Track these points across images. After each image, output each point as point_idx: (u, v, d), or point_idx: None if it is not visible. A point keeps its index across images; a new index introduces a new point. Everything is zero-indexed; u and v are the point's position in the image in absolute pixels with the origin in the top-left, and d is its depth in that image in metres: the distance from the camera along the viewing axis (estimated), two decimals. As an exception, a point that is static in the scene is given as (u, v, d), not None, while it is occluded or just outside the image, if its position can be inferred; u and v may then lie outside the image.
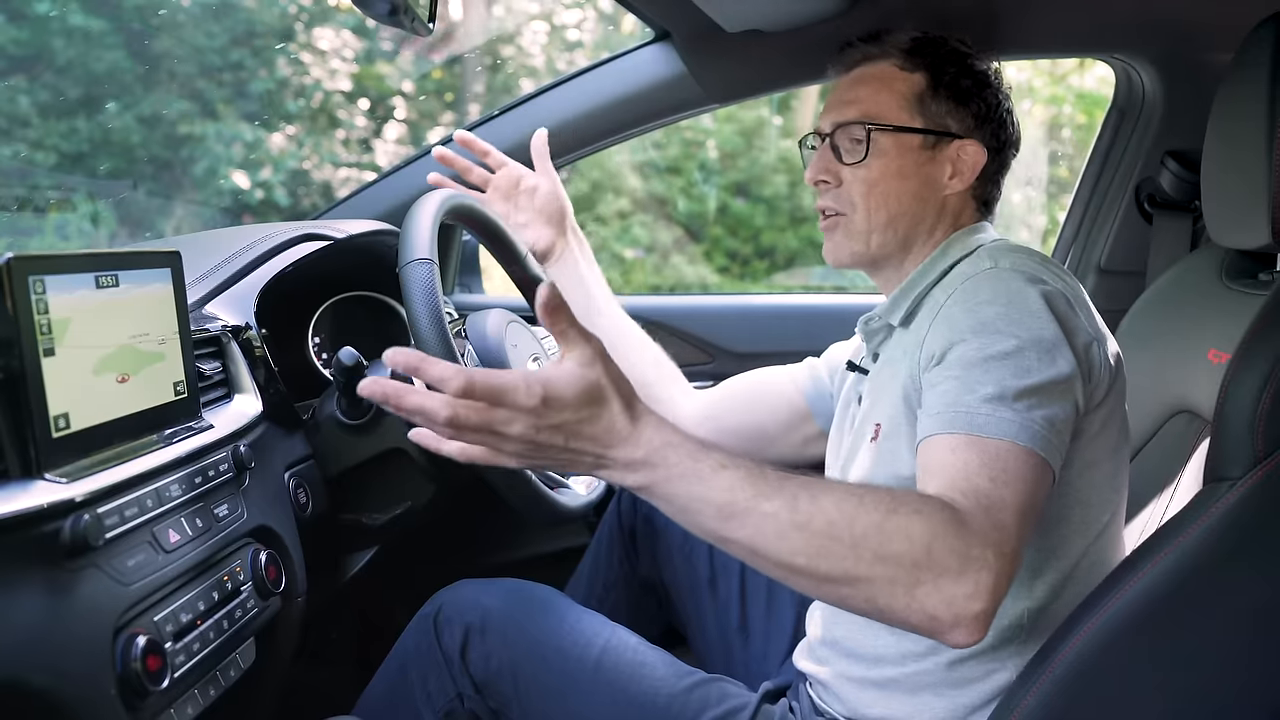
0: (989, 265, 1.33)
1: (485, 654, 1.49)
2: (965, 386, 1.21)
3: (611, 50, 2.23)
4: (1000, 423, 1.16)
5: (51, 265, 1.06)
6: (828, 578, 1.06)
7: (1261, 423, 1.11)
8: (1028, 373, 1.20)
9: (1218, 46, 1.93)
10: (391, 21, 1.28)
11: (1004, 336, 1.22)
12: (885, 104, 1.49)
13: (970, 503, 1.09)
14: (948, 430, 1.18)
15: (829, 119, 1.53)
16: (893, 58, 1.51)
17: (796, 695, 1.56)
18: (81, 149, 6.51)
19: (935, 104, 1.49)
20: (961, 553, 1.04)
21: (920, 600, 1.04)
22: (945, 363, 1.26)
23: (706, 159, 9.36)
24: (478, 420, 1.03)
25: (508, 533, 2.38)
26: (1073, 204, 2.36)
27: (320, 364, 1.95)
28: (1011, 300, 1.26)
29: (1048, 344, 1.22)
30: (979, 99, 1.51)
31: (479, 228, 1.85)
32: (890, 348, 1.49)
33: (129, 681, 1.05)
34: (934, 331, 1.31)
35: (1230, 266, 1.68)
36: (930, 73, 1.50)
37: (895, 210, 1.49)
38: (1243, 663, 1.15)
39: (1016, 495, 1.12)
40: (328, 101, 7.80)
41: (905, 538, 1.04)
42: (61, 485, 1.04)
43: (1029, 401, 1.18)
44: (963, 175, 1.50)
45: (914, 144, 1.48)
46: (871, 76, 1.52)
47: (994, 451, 1.15)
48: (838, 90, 1.56)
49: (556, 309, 1.05)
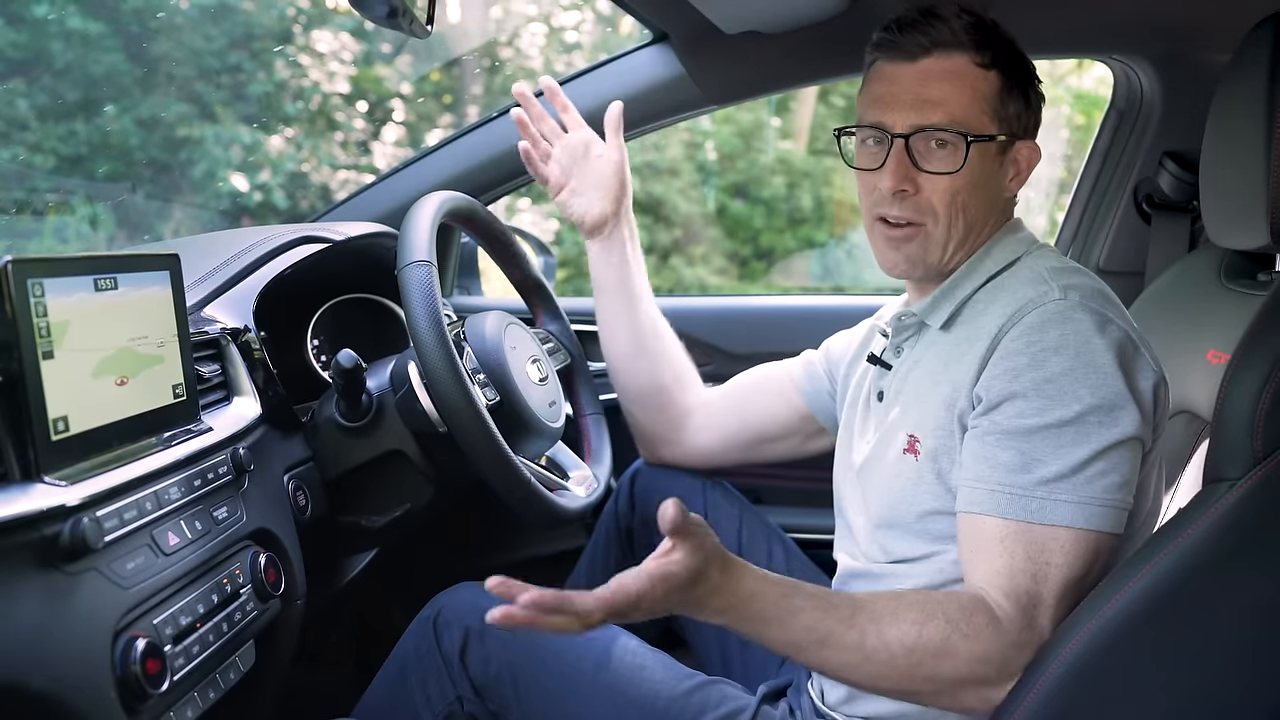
0: (1058, 296, 1.29)
1: (485, 657, 1.49)
2: (1023, 462, 1.23)
3: (610, 52, 2.23)
4: (1056, 506, 1.21)
5: (50, 268, 1.06)
6: (887, 692, 1.25)
7: (1260, 423, 1.11)
8: (1088, 439, 1.22)
9: (1216, 47, 1.93)
10: (390, 24, 1.28)
11: (1068, 399, 1.23)
12: (970, 108, 1.37)
13: (1011, 607, 1.21)
14: (1000, 514, 1.23)
15: (905, 118, 1.38)
16: (968, 50, 1.37)
17: (797, 696, 1.56)
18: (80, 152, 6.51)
19: (1009, 105, 1.41)
20: (1001, 665, 1.19)
21: (961, 701, 1.22)
22: (1001, 414, 1.27)
23: (705, 160, 9.37)
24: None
25: (506, 534, 2.38)
26: (1071, 204, 2.36)
27: (319, 366, 1.95)
28: (1079, 352, 1.24)
29: (1111, 404, 1.23)
30: (1037, 96, 1.45)
31: (477, 229, 1.86)
32: (923, 348, 1.46)
33: (128, 684, 1.05)
34: (994, 366, 1.29)
35: (1229, 267, 1.68)
36: (1003, 70, 1.40)
37: (973, 219, 1.41)
38: (1246, 662, 1.15)
39: (1059, 585, 1.22)
40: (326, 104, 7.80)
41: (954, 662, 1.19)
42: (61, 488, 1.03)
43: (1090, 471, 1.21)
44: (1020, 176, 1.45)
45: (992, 150, 1.40)
46: (948, 73, 1.38)
47: (1044, 539, 1.21)
48: (902, 83, 1.40)
49: (678, 521, 1.14)
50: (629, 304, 1.88)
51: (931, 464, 1.36)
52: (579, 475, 1.84)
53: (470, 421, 1.48)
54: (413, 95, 8.47)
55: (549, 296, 2.03)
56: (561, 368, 1.94)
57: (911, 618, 1.20)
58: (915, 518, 1.37)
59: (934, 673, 1.19)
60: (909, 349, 1.50)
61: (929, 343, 1.46)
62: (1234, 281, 1.65)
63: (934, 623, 1.19)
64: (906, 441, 1.40)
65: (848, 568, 1.54)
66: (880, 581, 1.44)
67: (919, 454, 1.37)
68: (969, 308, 1.42)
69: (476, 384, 1.59)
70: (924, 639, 1.18)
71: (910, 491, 1.38)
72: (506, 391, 1.63)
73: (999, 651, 1.18)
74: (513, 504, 1.54)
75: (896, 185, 1.38)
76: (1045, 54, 2.14)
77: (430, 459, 1.67)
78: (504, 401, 1.62)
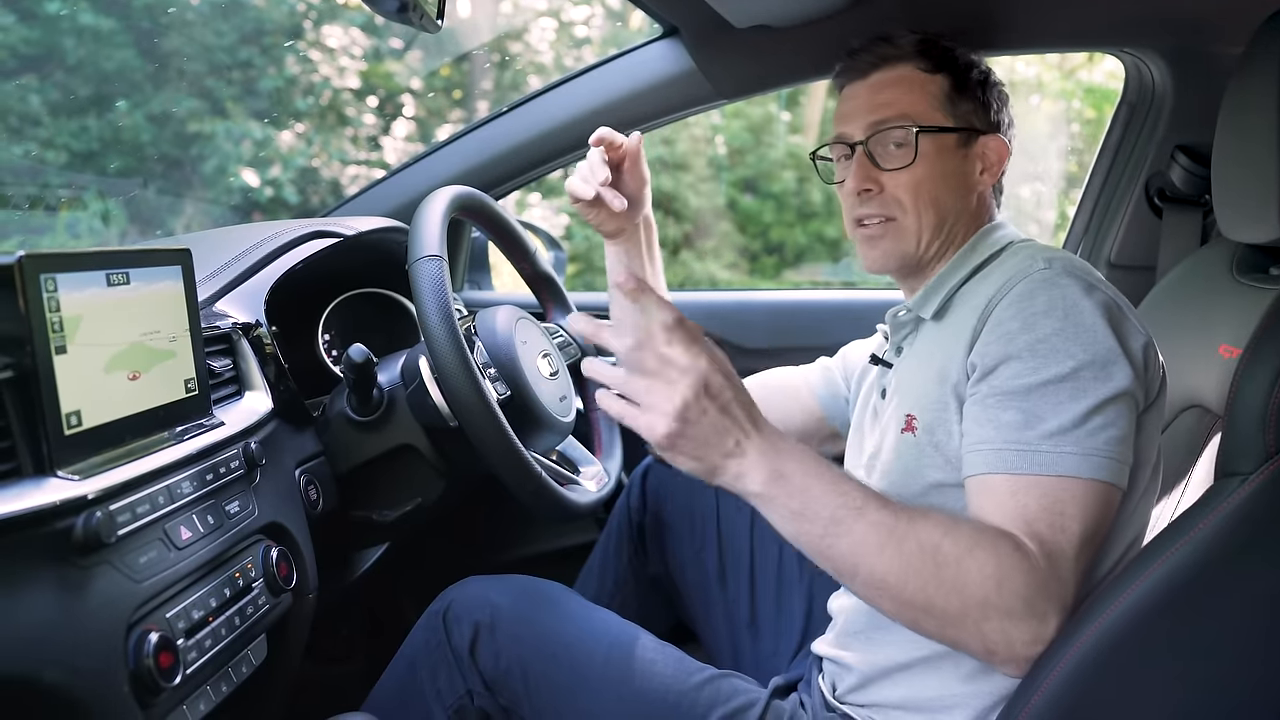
0: (1043, 266, 1.32)
1: (495, 651, 1.49)
2: (1024, 419, 1.23)
3: (619, 46, 2.23)
4: (1063, 458, 1.21)
5: (63, 263, 1.07)
6: (910, 602, 1.16)
7: (1273, 418, 1.10)
8: (1085, 393, 1.22)
9: (1228, 40, 1.92)
10: (400, 18, 1.28)
11: (1061, 356, 1.24)
12: (919, 105, 1.48)
13: (1036, 548, 1.17)
14: (1009, 470, 1.22)
15: (861, 125, 1.50)
16: (911, 60, 1.50)
17: (808, 689, 1.56)
18: (92, 147, 6.53)
19: (962, 103, 1.50)
20: (1027, 599, 1.14)
21: (985, 633, 1.15)
22: (997, 377, 1.27)
23: (715, 155, 9.36)
24: (660, 355, 1.14)
25: (516, 529, 2.38)
26: (1083, 198, 2.36)
27: (330, 361, 1.95)
28: (1068, 313, 1.26)
29: (1104, 359, 1.24)
30: (994, 94, 1.54)
31: (488, 224, 1.86)
32: (919, 341, 1.50)
33: (141, 678, 1.06)
34: (987, 334, 1.31)
35: (1241, 261, 1.68)
36: (951, 72, 1.50)
37: (945, 210, 1.49)
38: (1259, 655, 1.15)
39: (1076, 537, 1.19)
40: (336, 99, 7.81)
41: (980, 574, 1.14)
42: (74, 482, 1.04)
43: (1090, 425, 1.21)
44: (991, 170, 1.52)
45: (950, 143, 1.49)
46: (896, 80, 1.50)
47: (1056, 491, 1.20)
48: (858, 98, 1.53)
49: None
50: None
51: (929, 437, 1.37)
52: (590, 470, 1.84)
53: (481, 416, 1.48)
54: (423, 90, 8.48)
55: (559, 291, 2.03)
56: (572, 362, 1.94)
57: (939, 519, 1.18)
58: (920, 493, 1.37)
59: (957, 580, 1.14)
60: (908, 346, 1.53)
61: (925, 335, 1.49)
62: (1246, 275, 1.65)
63: (962, 529, 1.17)
64: (904, 422, 1.41)
65: None
66: None
67: (916, 430, 1.39)
68: (958, 297, 1.46)
69: (487, 379, 1.59)
70: (951, 539, 1.15)
71: (913, 467, 1.39)
72: (517, 386, 1.63)
73: (1025, 584, 1.14)
74: (524, 499, 1.54)
75: (859, 185, 1.50)
76: (1056, 48, 2.14)
77: (441, 453, 1.67)
78: (515, 396, 1.62)
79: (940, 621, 1.16)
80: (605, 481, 1.81)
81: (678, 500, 1.86)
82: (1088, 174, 2.35)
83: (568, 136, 2.23)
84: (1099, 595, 1.17)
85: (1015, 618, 1.14)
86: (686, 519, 1.85)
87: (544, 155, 2.27)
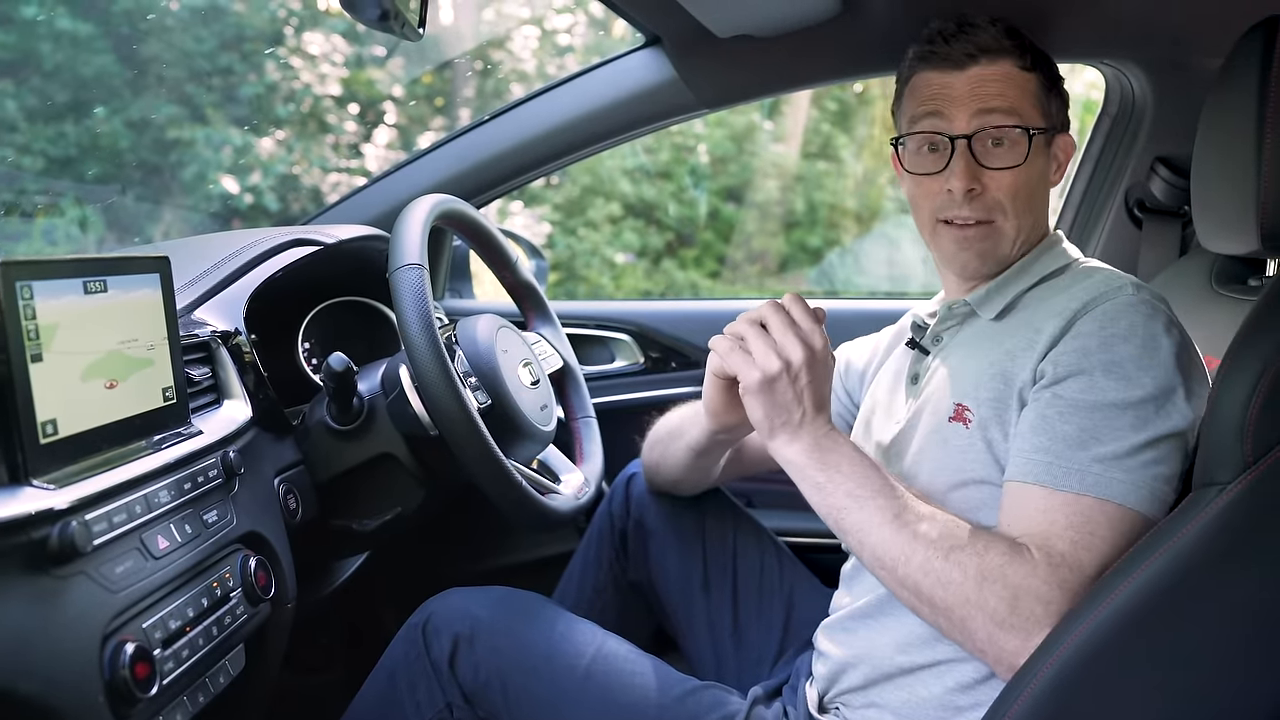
0: (1132, 294, 1.33)
1: (474, 664, 1.49)
2: (1081, 437, 1.24)
3: (602, 55, 2.23)
4: (1111, 484, 1.22)
5: (39, 271, 1.06)
6: (904, 583, 1.24)
7: (1250, 428, 1.11)
8: (1146, 425, 1.23)
9: (1208, 53, 1.93)
10: (382, 27, 1.28)
11: (1131, 384, 1.25)
12: (1026, 104, 1.46)
13: (1041, 558, 1.20)
14: (1053, 484, 1.24)
15: (964, 118, 1.45)
16: (1012, 55, 1.46)
17: (793, 697, 1.56)
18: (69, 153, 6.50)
19: (1052, 103, 1.50)
20: (1011, 600, 1.18)
21: (972, 631, 1.20)
22: (1065, 387, 1.28)
23: (697, 164, 9.37)
24: (789, 320, 1.33)
25: (496, 538, 2.37)
26: (1063, 209, 2.36)
27: (310, 369, 1.94)
28: (1146, 344, 1.27)
29: (1169, 396, 1.25)
30: (1064, 90, 1.54)
31: (469, 233, 1.85)
32: (966, 334, 1.50)
33: (117, 689, 1.05)
34: (1065, 344, 1.31)
35: (1220, 272, 1.69)
36: (1041, 71, 1.49)
37: (1038, 212, 1.50)
38: (1240, 665, 1.15)
39: (1101, 556, 1.21)
40: (318, 106, 7.80)
41: (961, 574, 1.20)
42: (49, 492, 1.03)
43: (1142, 458, 1.23)
44: (1061, 169, 1.53)
45: (1043, 144, 1.48)
46: (999, 76, 1.46)
47: (1091, 512, 1.22)
48: (954, 88, 1.47)
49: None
50: (709, 466, 1.78)
51: (982, 433, 1.36)
52: (570, 479, 1.84)
53: (461, 425, 1.47)
54: (405, 98, 8.48)
55: (541, 300, 2.03)
56: (553, 371, 1.94)
57: (945, 517, 1.27)
58: (949, 487, 1.37)
59: (943, 575, 1.21)
60: (950, 336, 1.53)
61: (976, 330, 1.49)
62: (1225, 286, 1.66)
63: (962, 529, 1.24)
64: (954, 410, 1.40)
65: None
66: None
67: (969, 423, 1.38)
68: (1022, 302, 1.47)
69: (468, 387, 1.59)
70: (946, 535, 1.23)
71: (957, 458, 1.38)
72: (498, 395, 1.62)
73: (1018, 582, 1.17)
74: (504, 507, 1.54)
75: (967, 184, 1.44)
76: (1037, 59, 2.15)
77: (421, 462, 1.67)
78: (495, 405, 1.62)
79: (933, 610, 1.23)
80: (585, 490, 1.81)
81: (661, 507, 1.86)
82: (1068, 184, 2.36)
83: (550, 145, 2.23)
84: (1078, 605, 1.17)
85: (1001, 623, 1.17)
86: (670, 526, 1.85)
87: (526, 164, 2.27)
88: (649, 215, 8.98)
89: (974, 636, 1.19)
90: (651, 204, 8.99)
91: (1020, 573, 1.18)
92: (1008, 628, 1.17)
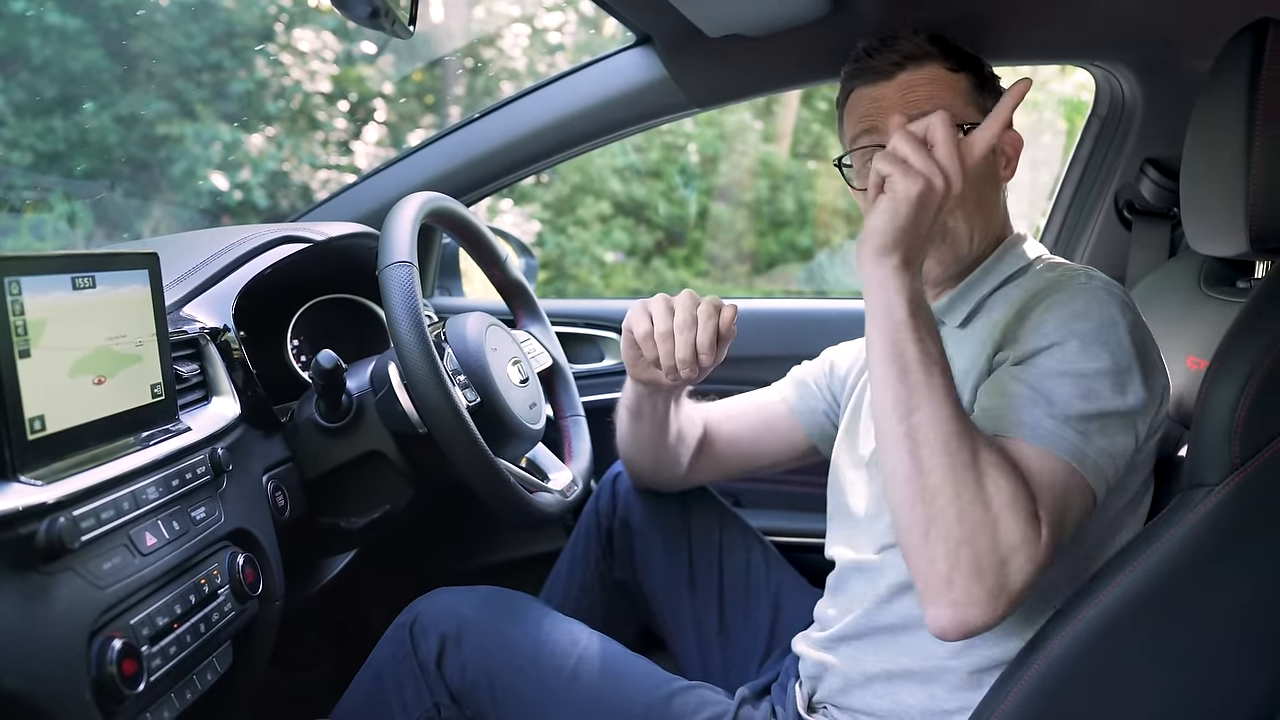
0: (1084, 281, 1.34)
1: (461, 664, 1.49)
2: (1034, 397, 1.24)
3: (593, 54, 2.23)
4: (1063, 440, 1.21)
5: (27, 266, 1.05)
6: (926, 472, 1.15)
7: (1238, 429, 1.12)
8: (1097, 397, 1.23)
9: (1197, 55, 1.94)
10: (372, 24, 1.28)
11: (1088, 357, 1.25)
12: (959, 103, 1.47)
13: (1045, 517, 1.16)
14: (1012, 434, 1.22)
15: (898, 125, 1.38)
16: (936, 58, 1.49)
17: (782, 696, 1.56)
18: (58, 149, 6.48)
19: (985, 98, 1.51)
20: (1010, 549, 1.12)
21: (958, 560, 1.12)
22: (1020, 363, 1.28)
23: (687, 163, 9.38)
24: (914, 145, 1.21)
25: (485, 536, 2.37)
26: (1053, 210, 2.37)
27: (299, 367, 1.94)
28: (1102, 323, 1.27)
29: (1122, 374, 1.25)
30: (1002, 87, 1.54)
31: (459, 230, 1.85)
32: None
33: (104, 685, 1.05)
34: (1020, 330, 1.32)
35: (1208, 274, 1.69)
36: (970, 69, 1.51)
37: (989, 208, 1.50)
38: (1227, 665, 1.15)
39: (1070, 528, 1.20)
40: (307, 103, 7.78)
41: (995, 491, 1.13)
42: (37, 488, 1.03)
43: (1090, 428, 1.22)
44: (1011, 163, 1.53)
45: None
46: (927, 79, 1.48)
47: (1065, 477, 1.19)
48: (884, 98, 1.49)
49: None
50: (660, 433, 1.75)
51: None
52: (559, 477, 1.84)
53: (450, 423, 1.47)
54: (395, 95, 8.47)
55: (530, 298, 2.03)
56: (542, 370, 1.94)
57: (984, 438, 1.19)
58: None
59: (976, 486, 1.14)
60: None
61: (945, 340, 1.47)
62: (1213, 288, 1.66)
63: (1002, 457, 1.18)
64: None
65: (849, 561, 1.54)
66: (880, 572, 1.46)
67: None
68: (986, 306, 1.47)
69: (457, 385, 1.59)
70: (992, 452, 1.17)
71: None
72: (487, 393, 1.62)
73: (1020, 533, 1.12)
74: (492, 505, 1.54)
75: None
76: (1027, 60, 2.15)
77: (410, 460, 1.67)
78: (484, 403, 1.62)
79: (931, 515, 1.14)
80: (574, 488, 1.81)
81: (647, 505, 1.86)
82: (1058, 185, 2.36)
83: (540, 143, 2.23)
84: (1066, 606, 1.18)
85: (991, 561, 1.12)
86: (656, 524, 1.85)
87: (516, 162, 2.27)
88: (639, 214, 8.98)
89: (956, 568, 1.13)
90: (641, 203, 8.99)
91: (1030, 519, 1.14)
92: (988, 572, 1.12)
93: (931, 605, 1.14)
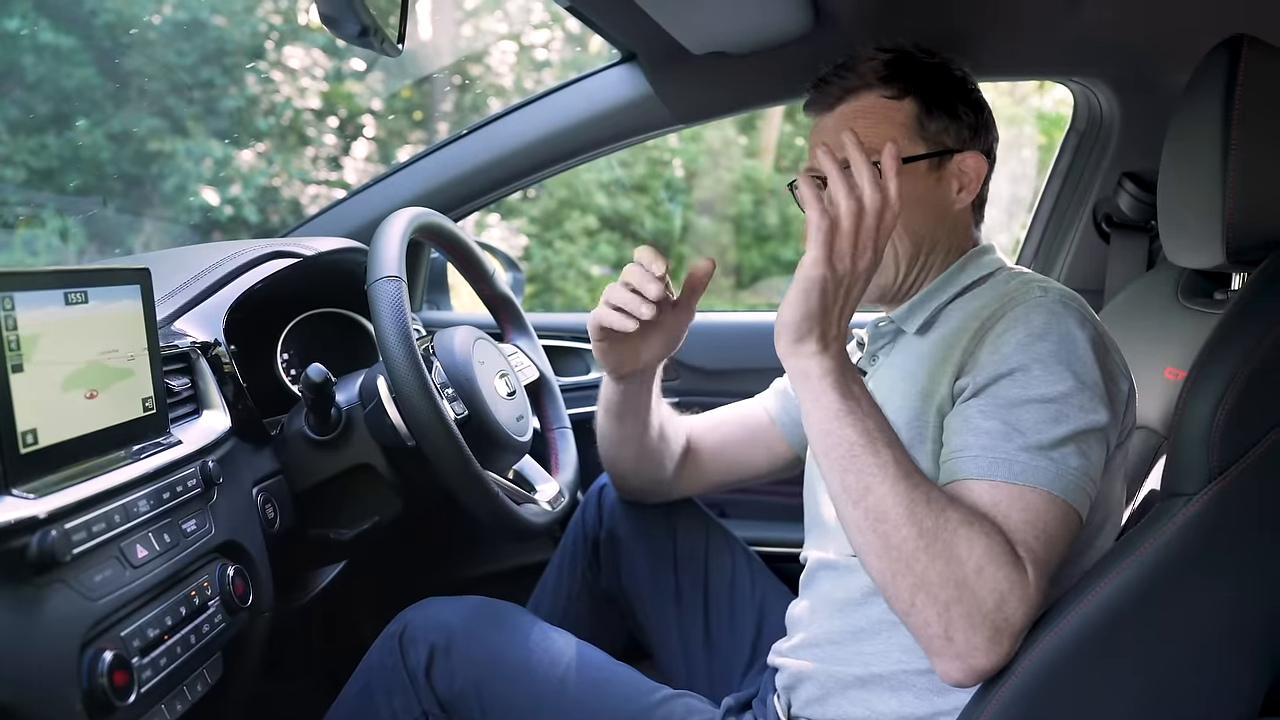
0: (1039, 294, 1.34)
1: (450, 673, 1.49)
2: (1005, 430, 1.24)
3: (579, 70, 2.24)
4: (1039, 472, 1.21)
5: (20, 281, 1.06)
6: (899, 547, 1.16)
7: (1216, 439, 1.12)
8: (1067, 419, 1.23)
9: (1174, 69, 1.96)
10: (361, 42, 1.29)
11: (1051, 379, 1.25)
12: (885, 137, 1.46)
13: (1026, 557, 1.17)
14: (987, 476, 1.22)
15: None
16: (875, 88, 1.50)
17: (763, 708, 1.57)
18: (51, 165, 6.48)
19: (931, 124, 1.50)
20: (1002, 596, 1.14)
21: (951, 618, 1.14)
22: (986, 392, 1.28)
23: (672, 178, 9.40)
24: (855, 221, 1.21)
25: (473, 548, 2.38)
26: (1032, 223, 2.39)
27: (289, 380, 1.95)
28: (1062, 340, 1.27)
29: (1089, 391, 1.25)
30: (967, 108, 1.52)
31: (447, 245, 1.87)
32: (897, 353, 1.50)
33: (95, 697, 1.05)
34: (981, 355, 1.31)
35: (1186, 286, 1.71)
36: (918, 95, 1.50)
37: (919, 238, 1.49)
38: (1207, 673, 1.16)
39: (1058, 556, 1.20)
40: (297, 119, 7.80)
41: (968, 550, 1.15)
42: (29, 501, 1.03)
43: (1065, 450, 1.22)
44: (969, 187, 1.51)
45: (922, 169, 1.48)
46: (860, 111, 1.50)
47: (1038, 506, 1.20)
48: (826, 130, 1.53)
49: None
50: (642, 430, 1.76)
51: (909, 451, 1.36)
52: (546, 489, 1.85)
53: (438, 436, 1.48)
54: (384, 111, 8.48)
55: (517, 312, 2.04)
56: (529, 383, 1.95)
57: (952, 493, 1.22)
58: None
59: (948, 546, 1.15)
60: (884, 355, 1.53)
61: (904, 347, 1.49)
62: (1191, 300, 1.68)
63: (968, 508, 1.19)
64: None
65: (817, 560, 1.55)
66: (849, 573, 1.45)
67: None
68: (944, 314, 1.47)
69: (445, 398, 1.60)
70: (956, 509, 1.18)
71: None
72: (474, 406, 1.64)
73: (1005, 580, 1.14)
74: (480, 517, 1.55)
75: None
76: (1006, 76, 2.17)
77: (399, 473, 1.68)
78: (472, 416, 1.63)
79: (914, 584, 1.16)
80: (561, 500, 1.82)
81: (633, 517, 1.86)
82: (1037, 199, 2.38)
83: (527, 159, 2.24)
84: (1046, 616, 1.19)
85: (983, 612, 1.13)
86: (642, 535, 1.85)
87: (503, 177, 2.28)
88: (625, 228, 9.00)
89: (951, 624, 1.14)
90: (627, 217, 9.01)
91: (1013, 565, 1.15)
92: (987, 620, 1.14)
93: (938, 661, 1.17)
